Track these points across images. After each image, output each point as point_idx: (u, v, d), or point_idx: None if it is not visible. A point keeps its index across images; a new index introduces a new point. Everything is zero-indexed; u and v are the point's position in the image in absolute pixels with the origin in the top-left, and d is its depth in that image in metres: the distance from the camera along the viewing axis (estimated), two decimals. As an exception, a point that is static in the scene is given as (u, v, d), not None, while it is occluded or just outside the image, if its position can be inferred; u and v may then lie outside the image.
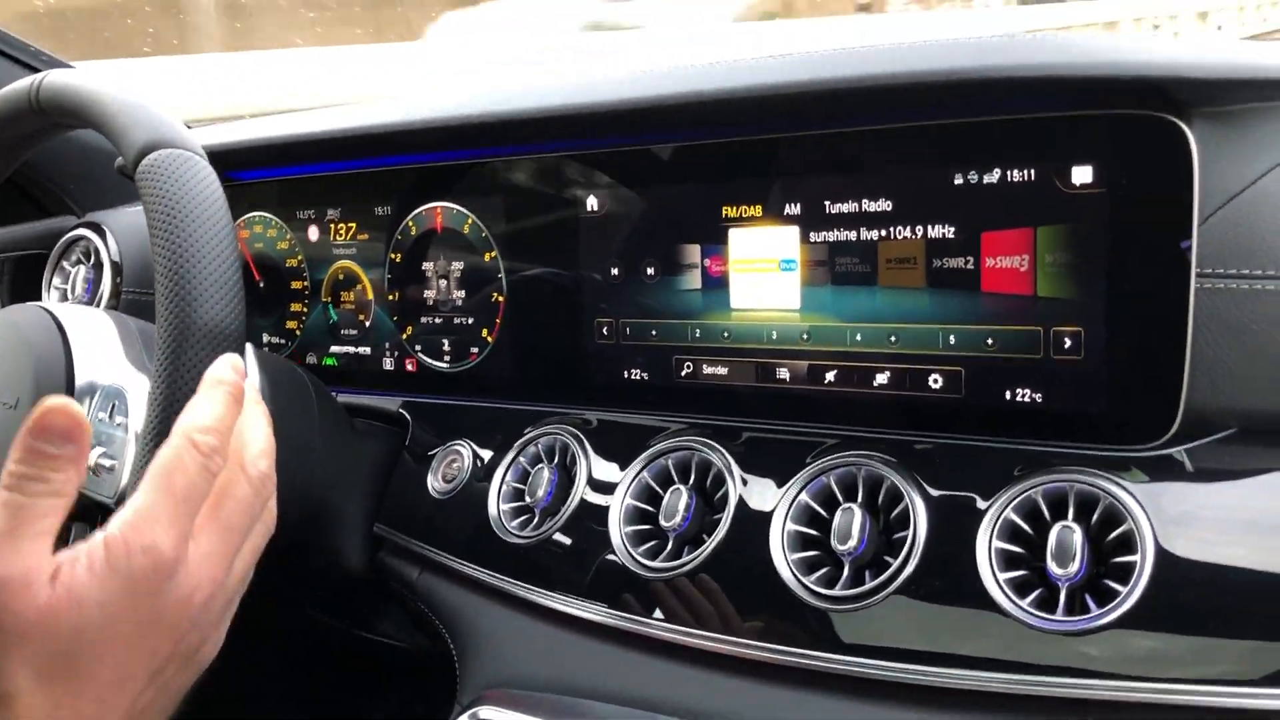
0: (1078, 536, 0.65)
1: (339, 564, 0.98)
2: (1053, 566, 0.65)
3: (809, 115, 0.78)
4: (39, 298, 1.26)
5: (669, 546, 0.79)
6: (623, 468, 0.85)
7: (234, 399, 0.64)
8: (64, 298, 1.27)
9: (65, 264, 1.29)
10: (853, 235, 0.78)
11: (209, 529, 0.62)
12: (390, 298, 1.07)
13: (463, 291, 1.01)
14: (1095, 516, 0.66)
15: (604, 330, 0.91)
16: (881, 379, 0.78)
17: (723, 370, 0.85)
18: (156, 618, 0.58)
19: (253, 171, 1.15)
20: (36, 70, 1.02)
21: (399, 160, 1.04)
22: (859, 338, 0.79)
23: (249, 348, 0.68)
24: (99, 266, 1.24)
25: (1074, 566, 0.64)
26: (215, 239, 0.71)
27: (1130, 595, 0.62)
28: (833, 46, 0.78)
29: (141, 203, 0.73)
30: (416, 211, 1.03)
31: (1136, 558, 0.63)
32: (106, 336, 0.87)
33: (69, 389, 0.82)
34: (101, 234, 1.25)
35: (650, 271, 0.88)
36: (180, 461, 0.61)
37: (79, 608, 0.55)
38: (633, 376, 0.90)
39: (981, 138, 0.73)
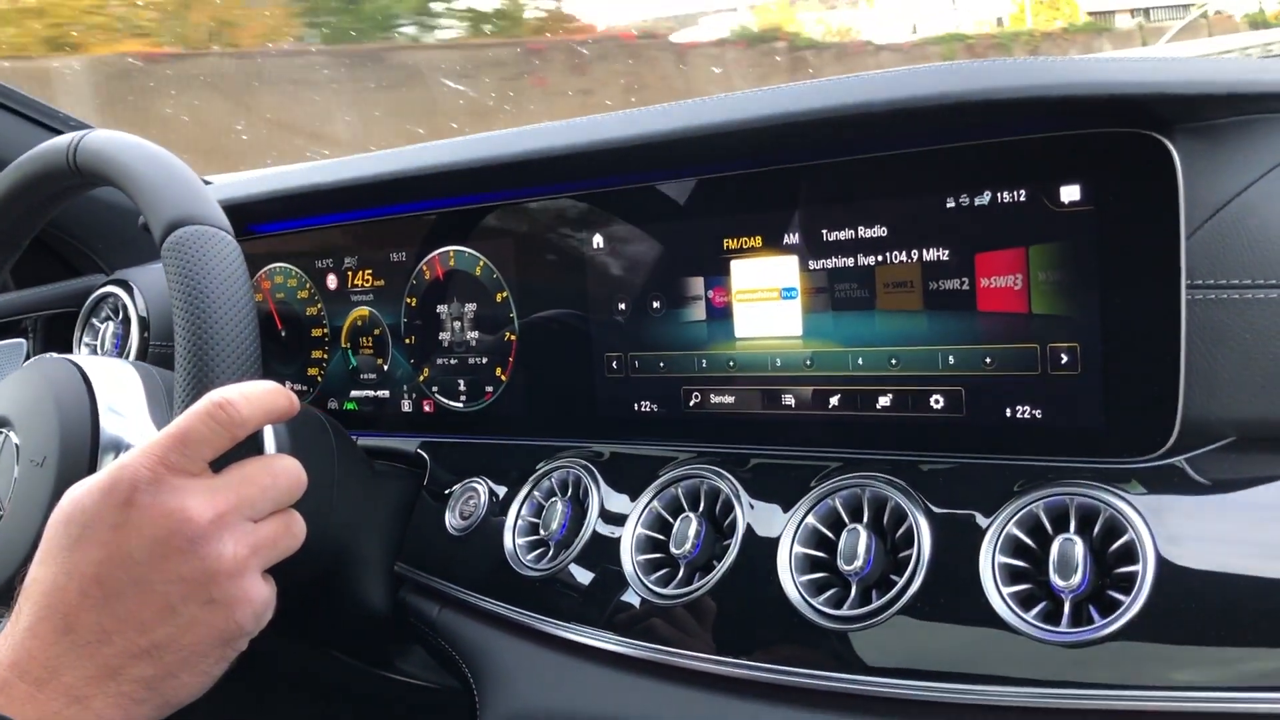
0: (1079, 548, 0.66)
1: (362, 604, 0.99)
2: (1056, 579, 0.65)
3: (803, 146, 0.80)
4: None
5: (680, 574, 0.80)
6: (633, 498, 0.86)
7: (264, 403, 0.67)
8: (94, 354, 1.30)
9: (95, 320, 1.33)
10: (850, 262, 0.80)
11: (224, 487, 0.64)
12: (407, 341, 1.09)
13: (476, 332, 1.04)
14: (1097, 528, 0.67)
15: (613, 364, 0.93)
16: (884, 401, 0.79)
17: (729, 399, 0.87)
18: (141, 534, 0.60)
19: (272, 224, 1.19)
20: (59, 132, 1.06)
21: (411, 208, 1.07)
22: (860, 362, 0.80)
23: (267, 429, 0.71)
24: (127, 322, 1.28)
25: (1076, 578, 0.65)
26: (235, 323, 0.73)
27: (1133, 605, 0.63)
28: (821, 77, 0.80)
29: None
30: (430, 256, 1.06)
31: (1138, 567, 0.64)
32: (132, 390, 0.89)
33: (93, 445, 0.84)
34: (129, 290, 1.29)
35: (656, 305, 0.90)
36: (195, 416, 0.63)
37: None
38: (643, 408, 0.92)
39: (972, 161, 0.74)
